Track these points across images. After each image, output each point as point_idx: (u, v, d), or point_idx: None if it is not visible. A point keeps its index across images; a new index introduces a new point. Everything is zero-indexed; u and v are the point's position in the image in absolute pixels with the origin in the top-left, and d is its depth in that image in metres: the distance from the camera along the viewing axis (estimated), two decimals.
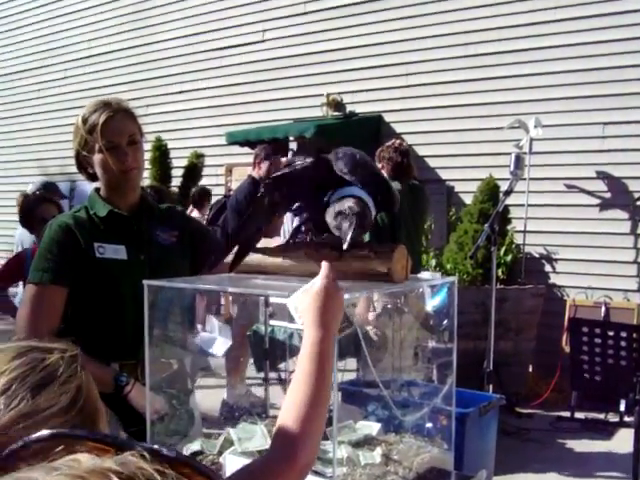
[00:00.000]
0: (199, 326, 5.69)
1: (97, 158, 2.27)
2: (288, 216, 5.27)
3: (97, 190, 2.39)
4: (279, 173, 1.89)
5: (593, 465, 5.28)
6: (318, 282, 1.45)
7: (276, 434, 1.27)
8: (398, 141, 5.68)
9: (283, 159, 6.80)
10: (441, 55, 8.35)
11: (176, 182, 9.99)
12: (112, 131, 2.26)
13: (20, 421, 0.97)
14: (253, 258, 1.88)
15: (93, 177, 2.37)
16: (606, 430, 5.98)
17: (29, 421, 0.97)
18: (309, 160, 1.82)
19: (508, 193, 5.24)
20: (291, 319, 1.54)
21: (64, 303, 2.25)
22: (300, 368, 1.34)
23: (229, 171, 10.15)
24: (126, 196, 2.36)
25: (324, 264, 1.48)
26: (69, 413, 1.01)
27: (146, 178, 9.19)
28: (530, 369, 7.03)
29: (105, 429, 1.09)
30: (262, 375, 5.30)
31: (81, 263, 2.24)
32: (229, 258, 1.98)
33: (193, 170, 10.01)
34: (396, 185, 5.26)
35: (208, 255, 2.48)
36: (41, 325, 2.19)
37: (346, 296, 1.58)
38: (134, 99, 11.36)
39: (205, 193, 8.50)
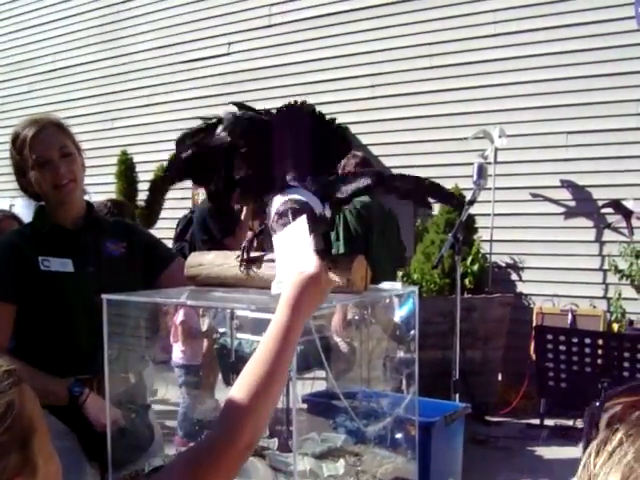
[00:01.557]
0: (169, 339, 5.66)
1: (32, 175, 2.25)
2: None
3: (43, 206, 2.36)
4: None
5: (563, 471, 5.29)
6: (313, 267, 1.40)
7: (223, 410, 1.24)
8: (356, 153, 5.69)
9: None
10: (405, 67, 8.39)
11: (142, 196, 9.93)
12: (41, 146, 2.23)
13: None
14: (213, 270, 1.87)
15: (36, 196, 2.34)
16: (574, 436, 6.01)
17: None
18: None
19: (472, 203, 5.27)
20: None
21: (12, 320, 2.21)
22: (262, 347, 1.30)
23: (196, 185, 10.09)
24: (69, 210, 2.33)
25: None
26: None
27: (112, 192, 9.12)
28: (499, 377, 7.07)
29: (42, 449, 1.02)
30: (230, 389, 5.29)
31: (26, 278, 2.21)
32: (194, 270, 1.96)
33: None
34: (365, 199, 5.28)
35: (161, 265, 2.47)
36: None
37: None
38: (100, 112, 11.33)
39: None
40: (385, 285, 1.95)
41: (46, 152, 2.24)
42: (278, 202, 1.65)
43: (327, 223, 1.74)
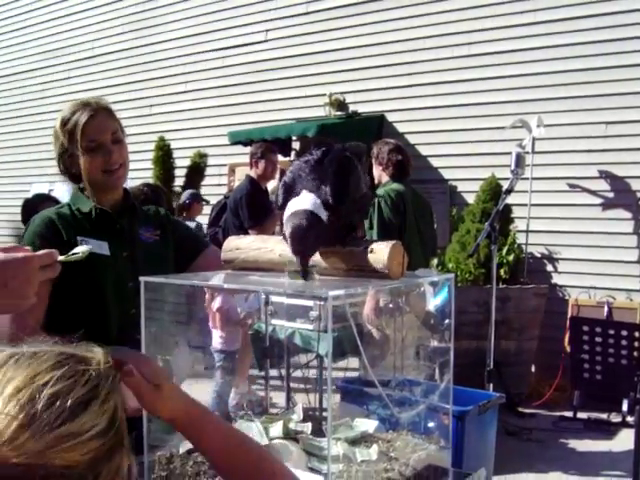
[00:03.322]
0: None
1: (81, 159, 2.25)
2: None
3: (80, 188, 2.37)
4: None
5: (595, 465, 5.27)
6: None
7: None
8: (388, 140, 5.68)
9: (280, 157, 6.80)
10: (444, 54, 8.34)
11: (179, 182, 10.00)
12: (95, 130, 2.23)
13: (62, 442, 0.88)
14: (250, 254, 1.88)
15: (77, 178, 2.35)
16: (608, 430, 5.96)
17: (70, 443, 0.88)
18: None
19: (509, 192, 5.23)
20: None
21: (47, 295, 2.22)
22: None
23: (232, 171, 10.15)
24: (110, 194, 2.34)
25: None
26: (107, 435, 0.92)
27: (149, 178, 9.20)
28: (533, 369, 7.03)
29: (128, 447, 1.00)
30: (263, 374, 5.32)
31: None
32: (231, 254, 1.97)
33: (196, 170, 10.02)
34: (400, 187, 5.27)
35: (193, 254, 2.48)
36: (27, 318, 2.16)
37: (340, 292, 1.58)
38: (137, 99, 11.42)
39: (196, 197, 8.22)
40: (420, 272, 1.95)
41: (99, 136, 2.24)
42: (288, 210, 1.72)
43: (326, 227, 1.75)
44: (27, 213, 5.09)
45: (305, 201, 1.71)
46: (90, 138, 2.23)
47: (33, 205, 5.06)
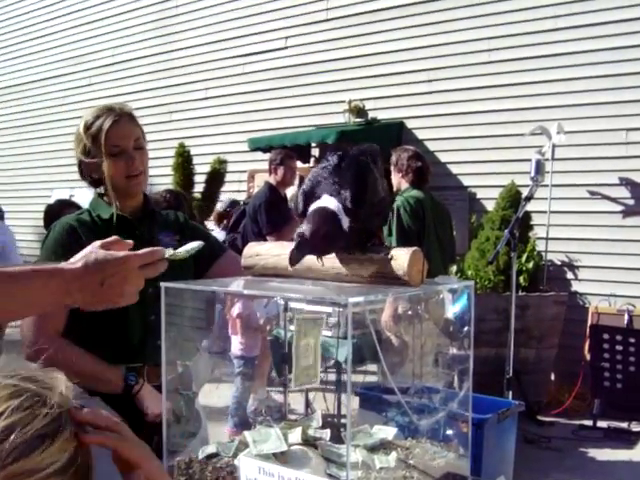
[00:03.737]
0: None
1: (103, 164, 2.26)
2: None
3: (100, 195, 2.38)
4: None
5: (615, 475, 5.23)
6: None
7: None
8: (408, 147, 5.68)
9: (299, 164, 6.81)
10: (464, 61, 8.33)
11: (199, 188, 10.04)
12: (118, 136, 2.25)
13: (16, 479, 0.82)
14: (269, 261, 1.88)
15: (96, 183, 2.36)
16: (629, 439, 5.92)
17: None
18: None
19: (528, 199, 5.21)
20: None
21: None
22: None
23: (252, 177, 10.18)
24: (130, 200, 2.35)
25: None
26: (65, 473, 0.86)
27: (169, 184, 9.24)
28: (552, 377, 6.99)
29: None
30: (282, 380, 5.32)
31: None
32: (251, 260, 1.97)
33: (216, 176, 10.05)
34: (419, 194, 5.27)
35: (211, 259, 2.48)
36: (46, 326, 2.17)
37: (360, 299, 1.58)
38: (157, 105, 11.48)
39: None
40: (440, 280, 1.95)
41: (122, 142, 2.26)
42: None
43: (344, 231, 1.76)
44: (49, 219, 5.12)
45: (328, 203, 1.72)
46: (113, 143, 2.25)
47: (55, 211, 5.09)
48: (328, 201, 1.73)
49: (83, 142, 2.28)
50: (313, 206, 1.74)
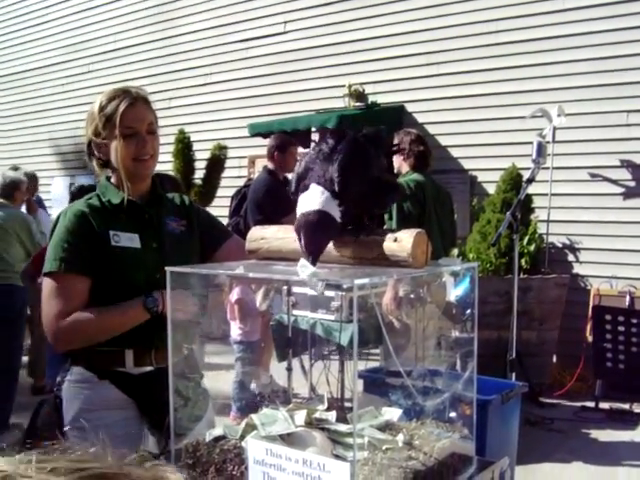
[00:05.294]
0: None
1: (114, 145, 2.27)
2: None
3: (108, 178, 2.39)
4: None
5: (617, 455, 5.25)
6: None
7: None
8: (410, 130, 5.66)
9: (300, 149, 6.79)
10: (463, 44, 8.31)
11: (200, 174, 10.03)
12: (133, 118, 2.27)
13: None
14: (274, 244, 1.89)
15: (104, 164, 2.36)
16: (631, 420, 5.94)
17: None
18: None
19: (530, 181, 5.21)
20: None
21: (88, 293, 2.24)
22: None
23: (252, 162, 10.17)
24: (138, 184, 2.36)
25: None
26: None
27: (170, 170, 9.23)
28: (554, 359, 7.01)
29: None
30: (285, 364, 5.35)
31: (99, 252, 2.23)
32: (255, 244, 1.98)
33: (216, 162, 10.03)
34: (419, 177, 5.26)
35: (217, 243, 2.49)
36: (68, 311, 2.18)
37: (365, 281, 1.59)
38: (157, 92, 11.43)
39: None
40: (443, 262, 1.95)
41: (136, 124, 2.27)
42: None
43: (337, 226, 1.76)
44: None
45: (314, 198, 1.72)
46: (127, 124, 2.26)
47: (76, 197, 5.07)
48: (314, 195, 1.73)
49: (95, 122, 2.29)
50: (301, 200, 1.75)
